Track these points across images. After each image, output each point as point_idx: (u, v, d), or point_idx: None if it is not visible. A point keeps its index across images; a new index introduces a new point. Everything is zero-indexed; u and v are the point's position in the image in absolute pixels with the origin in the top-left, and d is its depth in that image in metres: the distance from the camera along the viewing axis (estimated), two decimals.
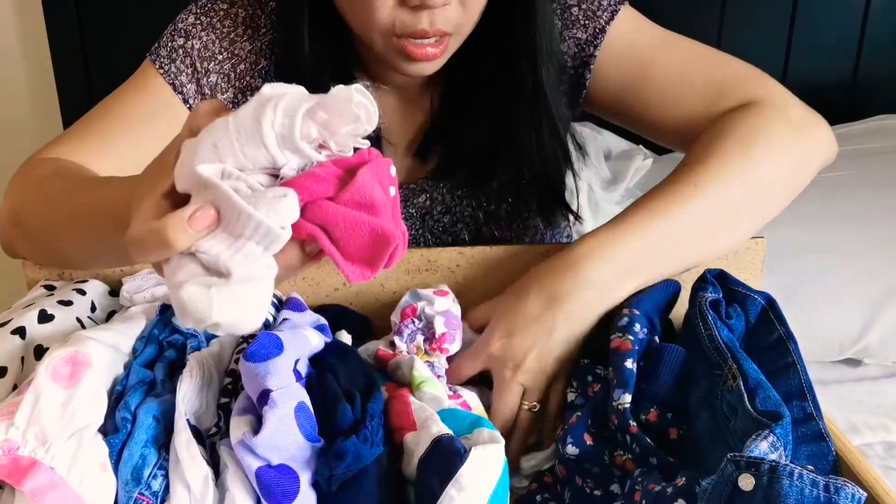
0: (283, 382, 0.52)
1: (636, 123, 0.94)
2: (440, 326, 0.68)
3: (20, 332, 0.65)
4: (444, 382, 0.68)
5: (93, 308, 0.74)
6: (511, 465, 0.58)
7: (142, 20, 1.36)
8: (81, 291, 0.74)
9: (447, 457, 0.51)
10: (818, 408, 0.62)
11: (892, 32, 1.90)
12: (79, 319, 0.70)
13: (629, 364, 0.63)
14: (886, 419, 1.24)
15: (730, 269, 0.72)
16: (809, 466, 0.48)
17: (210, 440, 0.56)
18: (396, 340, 0.69)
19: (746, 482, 0.47)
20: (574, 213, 0.97)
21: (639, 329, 0.66)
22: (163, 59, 0.89)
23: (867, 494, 0.48)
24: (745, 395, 0.56)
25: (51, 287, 0.77)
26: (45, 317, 0.68)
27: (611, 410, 0.62)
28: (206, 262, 0.45)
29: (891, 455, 1.19)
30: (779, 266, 1.29)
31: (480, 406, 0.66)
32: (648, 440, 0.59)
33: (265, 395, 0.51)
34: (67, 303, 0.71)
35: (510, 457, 0.65)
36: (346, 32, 0.85)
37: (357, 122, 0.47)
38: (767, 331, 0.67)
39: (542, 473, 0.68)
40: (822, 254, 1.40)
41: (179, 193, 0.48)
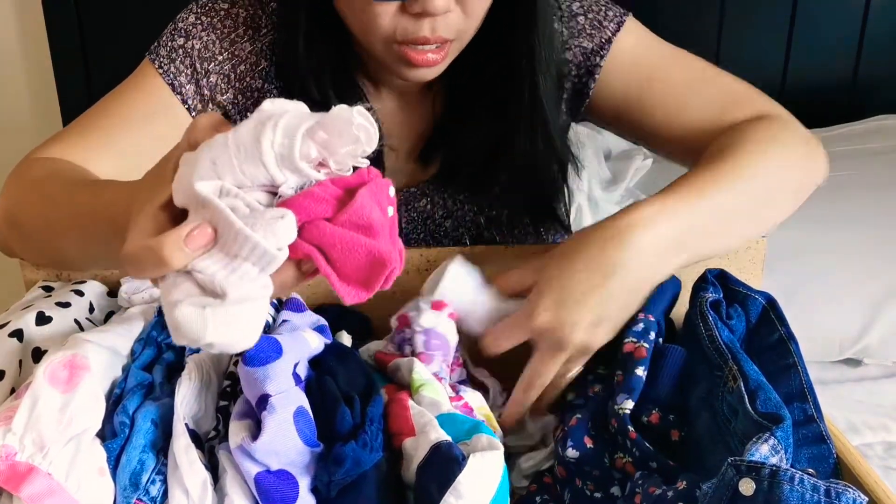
0: (283, 387, 0.52)
1: (638, 132, 0.94)
2: (419, 345, 0.67)
3: (18, 335, 0.65)
4: (446, 384, 0.67)
5: (91, 309, 0.73)
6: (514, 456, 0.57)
7: (142, 20, 1.35)
8: (79, 292, 0.74)
9: (445, 464, 0.51)
10: (819, 409, 0.62)
11: (892, 32, 1.90)
12: (77, 321, 0.70)
13: (640, 371, 0.62)
14: (886, 419, 1.25)
15: (730, 269, 0.72)
16: (810, 470, 0.48)
17: (209, 444, 0.56)
18: (390, 347, 0.69)
19: (747, 487, 0.47)
20: (564, 226, 0.96)
21: (653, 337, 0.65)
22: (162, 59, 0.89)
23: (868, 499, 0.48)
24: (746, 397, 0.56)
25: (49, 288, 0.77)
26: (43, 319, 0.67)
27: (611, 413, 0.61)
28: (202, 282, 0.45)
29: (891, 455, 1.19)
30: (779, 266, 1.29)
31: (484, 405, 0.65)
32: (648, 445, 0.59)
33: (264, 400, 0.51)
34: (65, 304, 0.71)
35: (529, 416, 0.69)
36: (346, 34, 0.84)
37: (357, 143, 0.46)
38: (768, 331, 0.67)
39: (542, 474, 0.68)
40: (822, 254, 1.40)
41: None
